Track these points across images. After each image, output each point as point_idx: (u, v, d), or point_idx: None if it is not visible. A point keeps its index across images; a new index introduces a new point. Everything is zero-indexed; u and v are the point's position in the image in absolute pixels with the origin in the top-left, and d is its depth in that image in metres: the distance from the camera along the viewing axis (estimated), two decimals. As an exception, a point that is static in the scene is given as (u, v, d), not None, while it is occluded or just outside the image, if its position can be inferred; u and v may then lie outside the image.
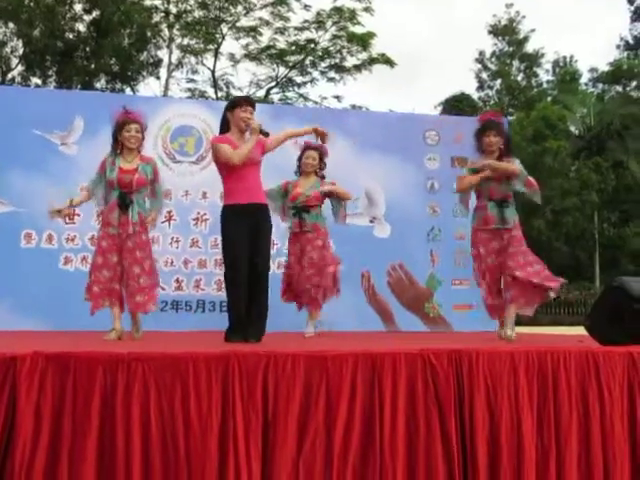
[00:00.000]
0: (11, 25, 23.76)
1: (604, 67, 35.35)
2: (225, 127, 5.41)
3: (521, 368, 3.88)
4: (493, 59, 36.26)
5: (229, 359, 3.50)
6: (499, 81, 35.82)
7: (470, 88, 36.29)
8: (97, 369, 3.37)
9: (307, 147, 6.68)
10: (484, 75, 36.33)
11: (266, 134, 5.29)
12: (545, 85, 36.51)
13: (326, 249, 6.51)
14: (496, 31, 35.86)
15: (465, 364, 3.82)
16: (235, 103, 5.42)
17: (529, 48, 35.90)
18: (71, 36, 24.17)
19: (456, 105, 30.49)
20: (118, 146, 5.67)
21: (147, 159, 5.81)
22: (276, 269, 7.17)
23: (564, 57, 36.72)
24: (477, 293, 8.69)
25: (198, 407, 3.43)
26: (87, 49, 24.38)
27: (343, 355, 3.68)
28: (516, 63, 36.20)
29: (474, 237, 5.94)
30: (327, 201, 6.65)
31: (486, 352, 3.90)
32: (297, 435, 3.54)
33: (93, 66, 24.40)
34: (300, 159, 6.70)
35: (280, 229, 6.76)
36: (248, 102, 5.43)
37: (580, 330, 5.04)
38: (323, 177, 6.70)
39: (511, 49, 35.88)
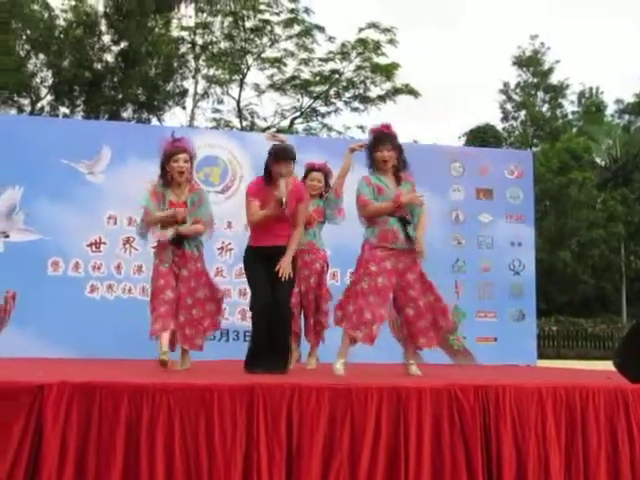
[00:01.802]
0: (41, 56, 24.19)
1: (630, 98, 35.29)
2: (267, 174, 5.29)
3: (548, 404, 3.84)
4: (518, 90, 36.28)
5: (254, 391, 3.50)
6: (524, 112, 35.80)
7: (494, 119, 36.30)
8: (122, 399, 3.38)
9: (311, 168, 6.24)
10: (508, 106, 36.35)
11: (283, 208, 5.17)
12: (570, 116, 36.47)
13: (324, 274, 6.28)
14: (520, 62, 35.92)
15: (492, 399, 3.79)
16: (277, 155, 5.22)
17: (554, 79, 35.93)
18: (99, 66, 24.54)
19: (480, 136, 30.52)
20: (167, 177, 5.41)
21: (194, 189, 5.60)
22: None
23: (589, 88, 36.71)
24: (502, 325, 8.75)
25: (222, 439, 3.42)
26: (115, 79, 24.73)
27: (368, 389, 3.66)
28: (541, 94, 36.20)
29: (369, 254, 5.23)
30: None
31: (513, 387, 3.87)
32: (321, 469, 3.52)
33: (120, 96, 24.73)
34: (304, 181, 6.09)
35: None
36: (288, 157, 5.22)
37: (607, 365, 4.97)
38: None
39: (536, 80, 35.89)
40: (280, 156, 5.19)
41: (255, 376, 4.38)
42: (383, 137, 5.31)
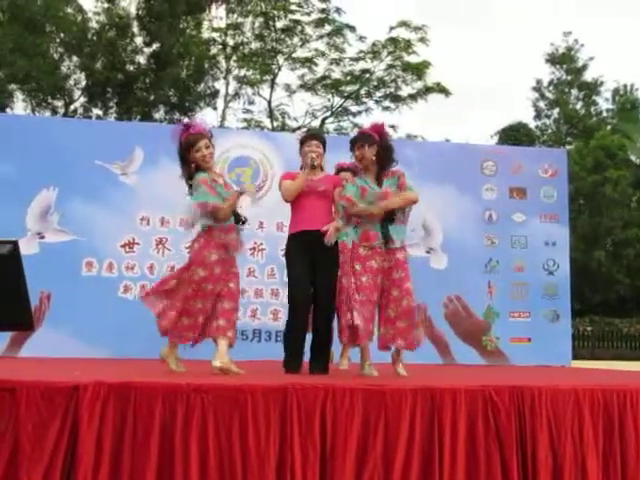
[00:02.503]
0: (75, 58, 24.46)
1: (665, 95, 34.74)
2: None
3: (585, 406, 3.80)
4: (551, 88, 35.93)
5: (287, 392, 3.50)
6: (557, 110, 35.45)
7: (527, 117, 35.99)
8: (157, 400, 3.40)
9: (340, 169, 6.18)
10: (541, 104, 36.01)
11: (314, 167, 5.28)
12: (605, 114, 36.01)
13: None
14: (554, 59, 35.57)
15: (527, 401, 3.75)
16: (301, 140, 5.50)
17: (588, 76, 35.52)
18: (131, 68, 24.76)
19: (513, 134, 30.26)
20: (189, 168, 5.08)
21: (219, 174, 5.43)
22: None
23: (624, 85, 36.19)
24: (536, 326, 8.67)
25: (256, 439, 3.42)
26: (147, 81, 24.94)
27: (402, 390, 3.65)
28: (574, 92, 35.81)
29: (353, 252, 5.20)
30: None
31: (549, 389, 3.83)
32: (355, 470, 3.51)
33: (152, 97, 24.92)
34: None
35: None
36: (312, 137, 5.49)
37: (644, 366, 4.90)
38: None
39: (569, 77, 35.52)
40: (305, 138, 5.46)
41: (289, 377, 4.39)
42: (358, 137, 5.33)
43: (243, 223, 5.15)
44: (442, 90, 24.99)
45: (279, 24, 24.55)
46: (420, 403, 3.65)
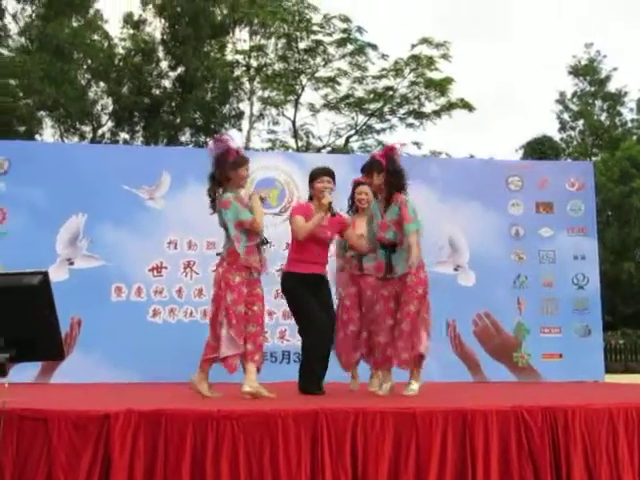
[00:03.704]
0: (102, 84, 24.77)
1: (691, 104, 34.35)
2: (310, 198, 5.64)
3: (620, 425, 3.74)
4: (574, 99, 35.70)
5: (318, 416, 3.49)
6: (581, 121, 35.20)
7: (552, 130, 35.76)
8: (187, 427, 3.40)
9: (358, 182, 6.15)
10: (566, 116, 35.76)
11: (333, 214, 5.37)
12: (629, 124, 35.67)
13: None
14: (576, 71, 35.37)
15: (560, 421, 3.71)
16: (312, 175, 5.59)
17: (612, 87, 35.25)
18: (157, 92, 25.01)
19: (538, 148, 30.08)
20: (227, 183, 5.23)
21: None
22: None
23: (649, 95, 35.85)
24: (567, 341, 8.56)
25: (287, 465, 3.41)
26: (172, 104, 25.17)
27: (433, 412, 3.62)
28: (599, 103, 35.54)
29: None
30: None
31: (582, 408, 3.78)
32: (387, 494, 3.47)
33: (178, 120, 25.13)
34: (352, 197, 6.22)
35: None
36: (324, 173, 5.55)
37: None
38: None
39: (593, 89, 35.28)
40: (317, 173, 5.54)
41: (318, 400, 4.36)
42: (366, 165, 5.50)
43: (265, 244, 5.28)
44: (466, 105, 24.92)
45: (302, 45, 24.66)
46: (451, 425, 3.61)
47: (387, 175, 5.35)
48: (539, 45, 52.24)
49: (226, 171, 5.23)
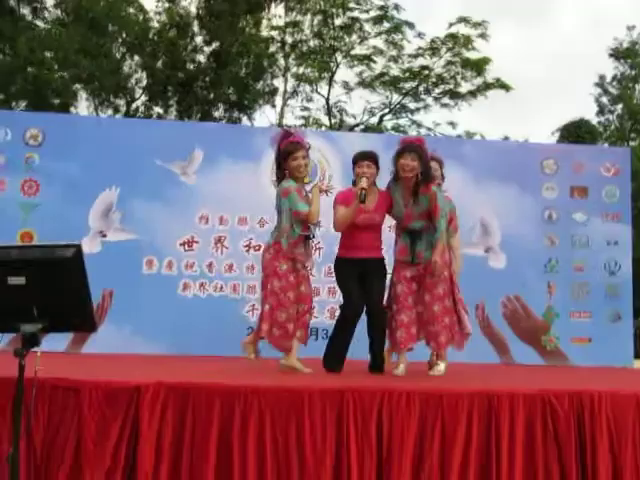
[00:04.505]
0: (136, 58, 24.84)
1: None
2: (353, 183, 5.52)
3: (647, 412, 3.71)
4: (614, 83, 35.13)
5: (344, 394, 3.51)
6: (620, 105, 34.65)
7: (589, 113, 35.26)
8: (215, 401, 3.45)
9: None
10: (604, 99, 35.22)
11: (362, 201, 5.17)
12: (670, 109, 35.06)
13: None
14: (617, 54, 34.76)
15: (587, 406, 3.69)
16: (353, 159, 5.47)
17: (653, 71, 34.60)
18: (191, 67, 24.99)
19: (575, 131, 29.65)
20: (284, 175, 5.29)
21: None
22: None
23: (691, 79, 35.17)
24: (597, 326, 8.51)
25: (313, 442, 3.44)
26: (206, 79, 25.14)
27: (459, 394, 3.63)
28: (639, 87, 34.94)
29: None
30: None
31: (609, 394, 3.76)
32: (411, 474, 3.51)
33: (212, 96, 25.13)
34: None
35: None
36: (364, 157, 5.42)
37: None
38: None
39: (634, 72, 34.68)
40: (357, 158, 5.42)
41: (345, 379, 4.40)
42: (410, 146, 5.36)
43: (310, 238, 5.38)
44: (502, 86, 24.65)
45: (337, 22, 24.53)
46: (477, 407, 3.62)
47: (423, 166, 5.30)
48: (580, 26, 51.39)
49: (281, 161, 5.32)
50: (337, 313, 5.61)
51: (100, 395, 3.41)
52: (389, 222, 5.74)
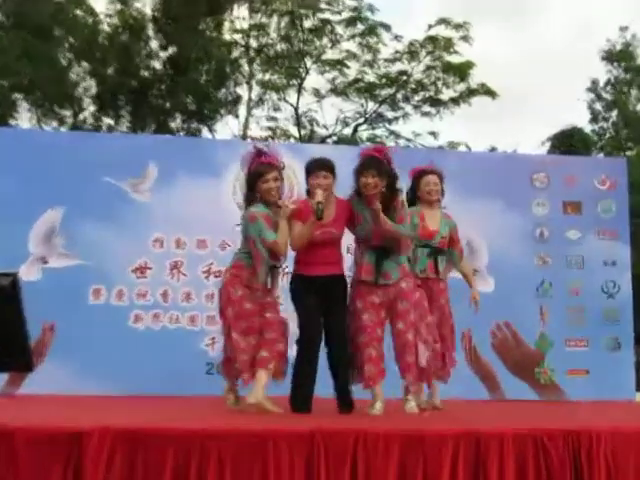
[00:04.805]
0: (84, 64, 24.74)
1: None
2: (307, 193, 5.53)
3: (651, 452, 3.69)
4: (608, 88, 35.62)
5: (314, 438, 3.45)
6: (615, 112, 35.12)
7: (582, 121, 35.68)
8: (168, 448, 3.37)
9: (424, 171, 6.19)
10: (598, 106, 35.68)
11: (319, 217, 5.16)
12: (669, 116, 35.62)
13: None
14: (611, 57, 35.29)
15: (584, 447, 3.67)
16: (307, 168, 5.50)
17: (649, 75, 35.16)
18: (146, 74, 24.95)
19: (567, 141, 29.98)
20: (255, 198, 5.29)
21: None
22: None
23: (690, 84, 35.78)
24: (595, 355, 8.53)
25: (279, 493, 3.37)
26: (162, 87, 25.10)
27: (443, 435, 3.58)
28: (635, 92, 35.45)
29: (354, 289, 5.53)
30: None
31: (609, 432, 3.74)
32: (390, 526, 3.44)
33: (168, 105, 25.07)
34: (416, 188, 6.19)
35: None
36: (320, 166, 5.42)
37: None
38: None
39: (628, 76, 35.20)
40: (312, 167, 5.44)
41: (316, 420, 4.33)
42: (366, 163, 5.37)
43: (277, 268, 5.42)
44: (488, 92, 24.84)
45: (307, 24, 24.61)
46: (463, 450, 3.58)
47: (387, 180, 5.34)
48: (570, 28, 52.12)
49: (252, 182, 5.32)
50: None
51: (37, 443, 3.31)
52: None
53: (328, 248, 5.36)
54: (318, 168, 5.38)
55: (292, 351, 5.33)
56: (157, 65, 25.10)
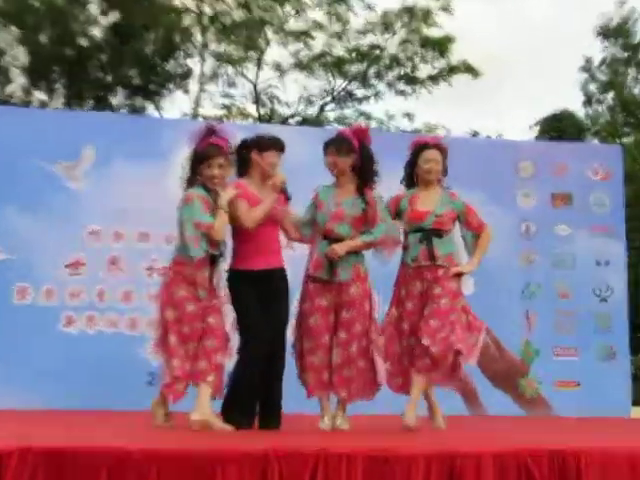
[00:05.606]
0: (13, 29, 24.48)
1: None
2: (244, 169, 5.53)
3: (645, 475, 3.73)
4: (603, 67, 35.98)
5: (267, 460, 3.43)
6: (611, 94, 35.49)
7: (575, 104, 36.05)
8: (101, 471, 3.33)
9: (425, 145, 6.01)
10: (592, 87, 36.03)
11: (288, 197, 5.42)
12: (669, 99, 36.10)
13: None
14: (606, 33, 35.63)
15: (571, 469, 3.69)
16: (261, 144, 5.50)
17: (649, 53, 35.59)
18: (84, 43, 24.77)
19: (557, 125, 30.26)
20: (196, 180, 5.30)
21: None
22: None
23: (691, 63, 36.27)
24: (586, 366, 8.61)
25: (226, 522, 3.35)
26: (103, 58, 24.96)
27: (413, 455, 3.58)
28: (632, 72, 35.86)
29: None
30: None
31: (599, 453, 3.76)
32: None
33: (110, 78, 24.94)
34: (413, 164, 5.97)
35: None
36: (278, 147, 5.52)
37: None
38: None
39: (626, 55, 35.58)
40: (267, 144, 5.49)
41: (271, 438, 4.32)
42: (333, 140, 5.47)
43: (221, 257, 5.35)
44: (469, 69, 25.00)
45: (268, -11, 24.64)
46: (435, 471, 3.59)
47: (359, 162, 5.41)
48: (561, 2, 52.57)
49: (192, 164, 5.32)
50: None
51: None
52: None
53: (272, 233, 5.44)
54: (276, 147, 5.48)
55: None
56: (97, 33, 24.90)
